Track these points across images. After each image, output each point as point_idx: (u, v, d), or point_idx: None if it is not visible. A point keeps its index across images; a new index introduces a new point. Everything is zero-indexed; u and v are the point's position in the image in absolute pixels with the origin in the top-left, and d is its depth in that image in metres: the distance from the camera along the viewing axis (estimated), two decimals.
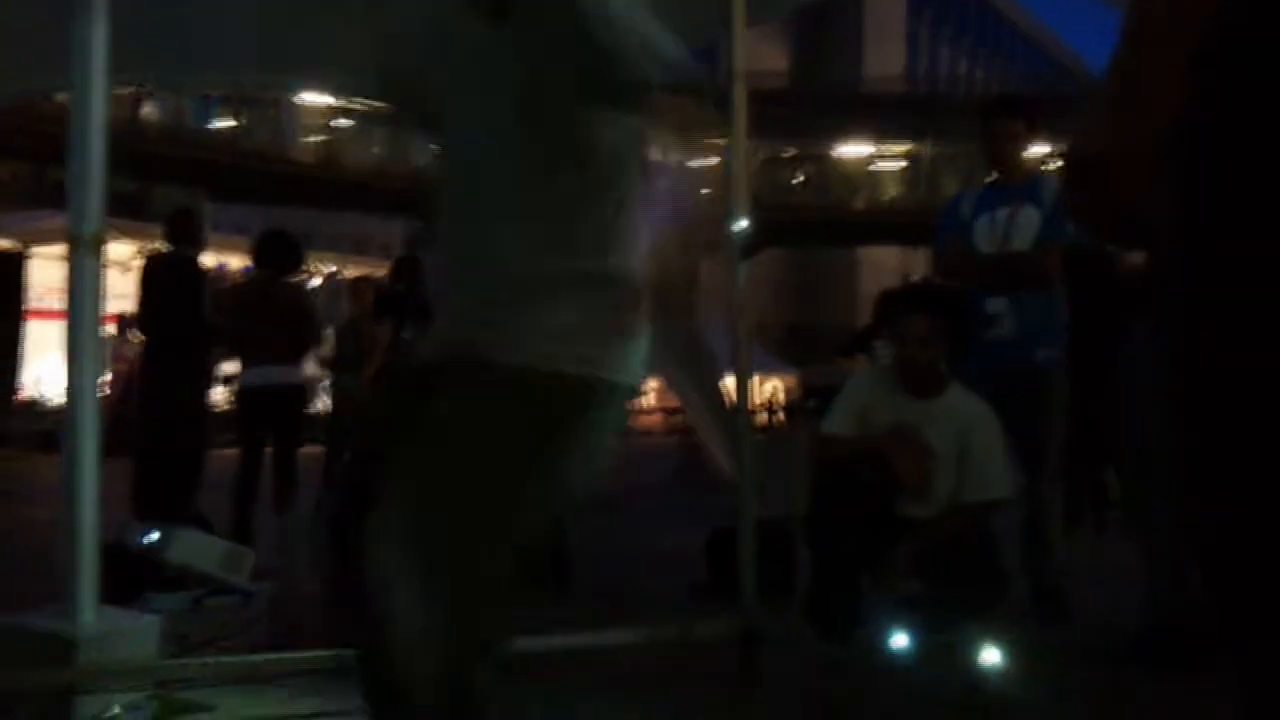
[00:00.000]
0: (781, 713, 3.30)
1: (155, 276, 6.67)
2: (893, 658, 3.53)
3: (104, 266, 3.07)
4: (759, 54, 35.82)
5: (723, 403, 5.73)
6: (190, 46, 5.00)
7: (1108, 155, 1.07)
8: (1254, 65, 1.04)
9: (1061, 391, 4.54)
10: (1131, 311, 3.97)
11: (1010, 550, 4.19)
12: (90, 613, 2.99)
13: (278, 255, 6.87)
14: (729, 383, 4.78)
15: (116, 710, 3.01)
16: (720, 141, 3.95)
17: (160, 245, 7.05)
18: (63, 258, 3.02)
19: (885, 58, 45.88)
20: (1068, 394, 4.58)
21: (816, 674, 3.61)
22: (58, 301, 16.99)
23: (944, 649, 3.54)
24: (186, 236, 6.76)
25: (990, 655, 3.44)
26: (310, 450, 7.20)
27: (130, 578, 3.71)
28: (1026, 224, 4.49)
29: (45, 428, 16.24)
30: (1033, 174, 4.75)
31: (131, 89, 19.68)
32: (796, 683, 3.55)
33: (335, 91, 17.96)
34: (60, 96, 5.66)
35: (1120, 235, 1.28)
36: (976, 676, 3.40)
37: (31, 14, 4.04)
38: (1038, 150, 5.98)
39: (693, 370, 6.07)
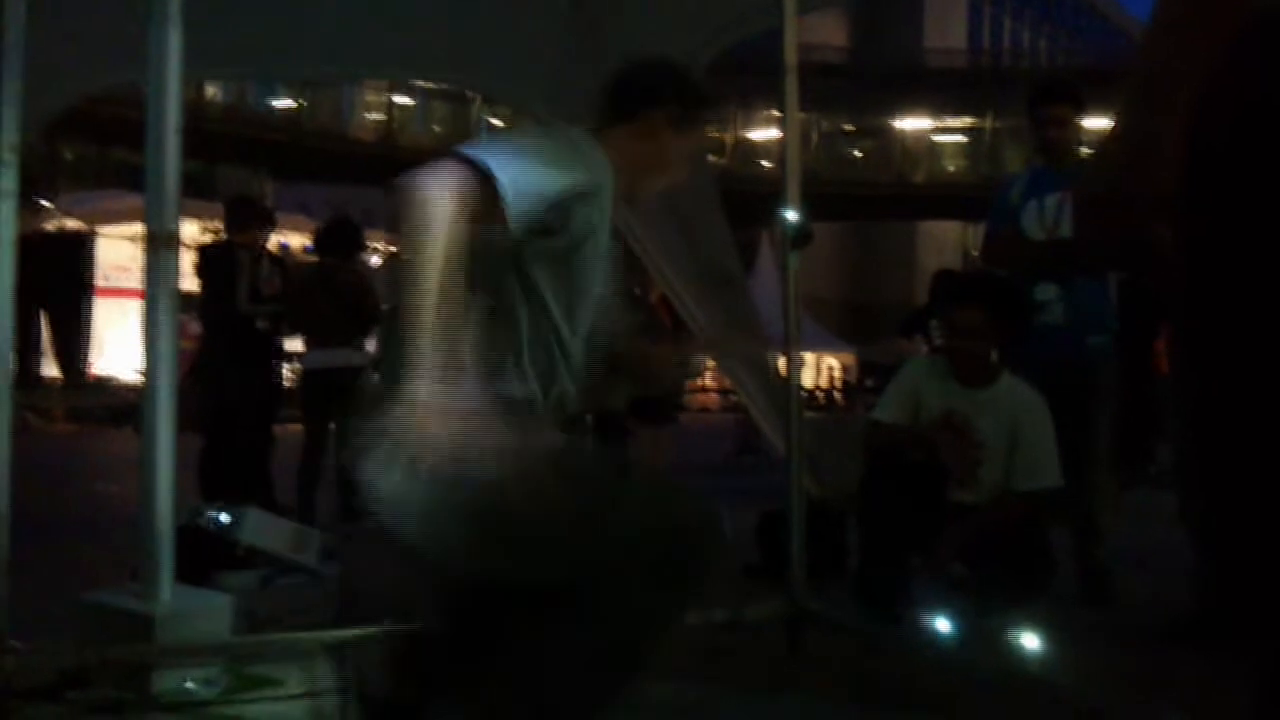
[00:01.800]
0: (827, 692, 3.38)
1: (201, 265, 6.90)
2: (938, 640, 3.60)
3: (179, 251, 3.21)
4: (820, 28, 35.68)
5: (774, 381, 5.79)
6: (261, 38, 5.15)
7: (1117, 194, 1.15)
8: (1252, 112, 1.12)
9: (1112, 378, 4.56)
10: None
11: (1060, 535, 4.23)
12: (167, 592, 3.14)
13: (340, 242, 7.04)
14: (781, 362, 4.84)
15: (191, 685, 3.17)
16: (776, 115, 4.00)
17: (218, 232, 7.29)
18: (129, 237, 3.16)
19: (947, 30, 45.39)
20: (1118, 379, 4.61)
21: (862, 654, 3.70)
22: (125, 279, 17.39)
23: (988, 632, 3.61)
24: (237, 223, 6.97)
25: (1032, 639, 3.51)
26: None
27: (202, 557, 3.86)
28: None
29: (115, 403, 16.66)
30: (1082, 158, 4.75)
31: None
32: (842, 662, 3.64)
33: (401, 78, 18.14)
34: None
35: (1127, 266, 1.34)
36: (1019, 659, 3.47)
37: (109, 13, 4.19)
38: (1095, 125, 5.94)
39: (745, 349, 6.13)
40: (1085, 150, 4.83)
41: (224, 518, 4.10)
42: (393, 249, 1.92)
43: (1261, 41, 1.12)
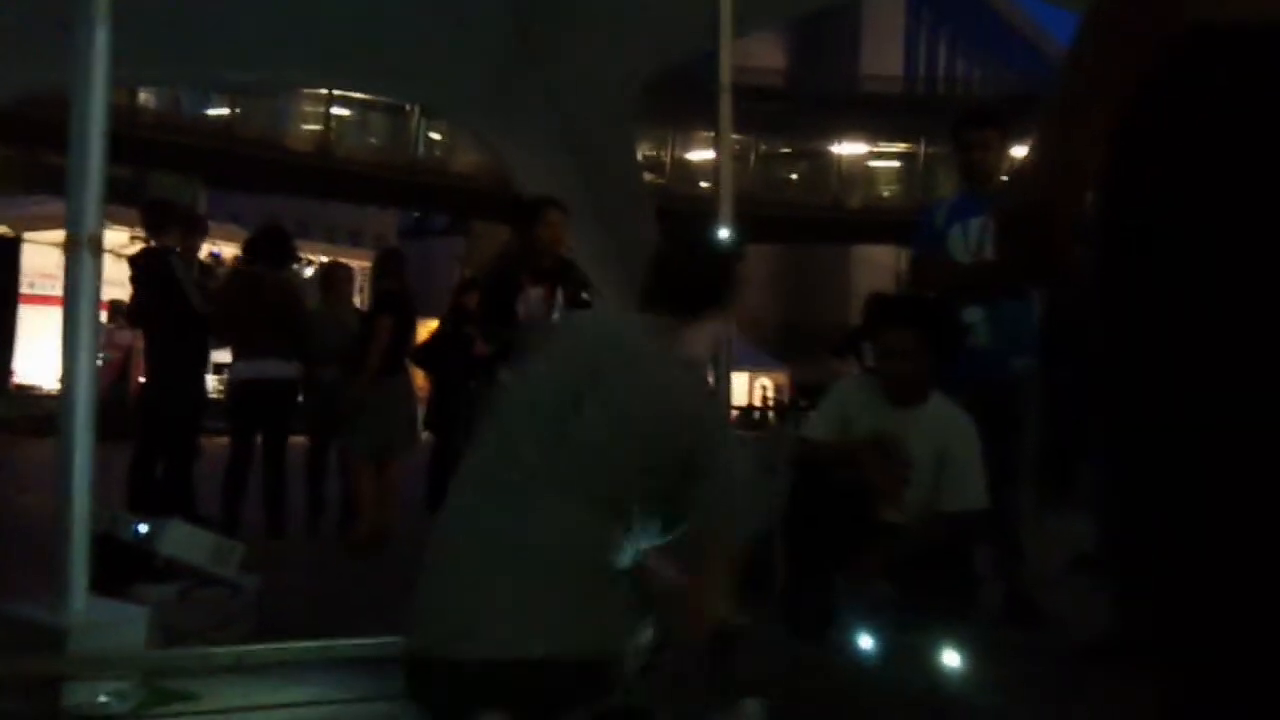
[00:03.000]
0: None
1: (135, 270, 6.76)
2: (862, 657, 3.62)
3: (101, 255, 3.15)
4: (757, 52, 35.94)
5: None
6: (193, 43, 5.09)
7: (1035, 210, 1.16)
8: (1167, 135, 1.14)
9: (1036, 399, 4.62)
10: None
11: (984, 556, 4.27)
12: (80, 602, 3.07)
13: (270, 251, 6.95)
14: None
15: (104, 699, 3.09)
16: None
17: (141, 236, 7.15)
18: (56, 244, 3.12)
19: (883, 57, 45.93)
20: (1042, 401, 4.67)
21: (786, 673, 3.70)
22: (51, 287, 17.05)
23: (910, 650, 3.64)
24: (158, 226, 6.80)
25: (952, 657, 3.54)
26: (297, 440, 7.27)
27: (119, 568, 3.78)
28: None
29: (37, 413, 16.29)
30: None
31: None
32: (767, 679, 3.64)
33: (335, 86, 18.02)
34: None
35: (1044, 282, 1.37)
36: (941, 677, 3.50)
37: (35, 13, 4.12)
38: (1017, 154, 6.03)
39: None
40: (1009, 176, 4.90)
41: (142, 528, 4.03)
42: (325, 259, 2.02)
43: (1192, 57, 1.14)
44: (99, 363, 3.67)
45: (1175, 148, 1.15)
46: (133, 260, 6.90)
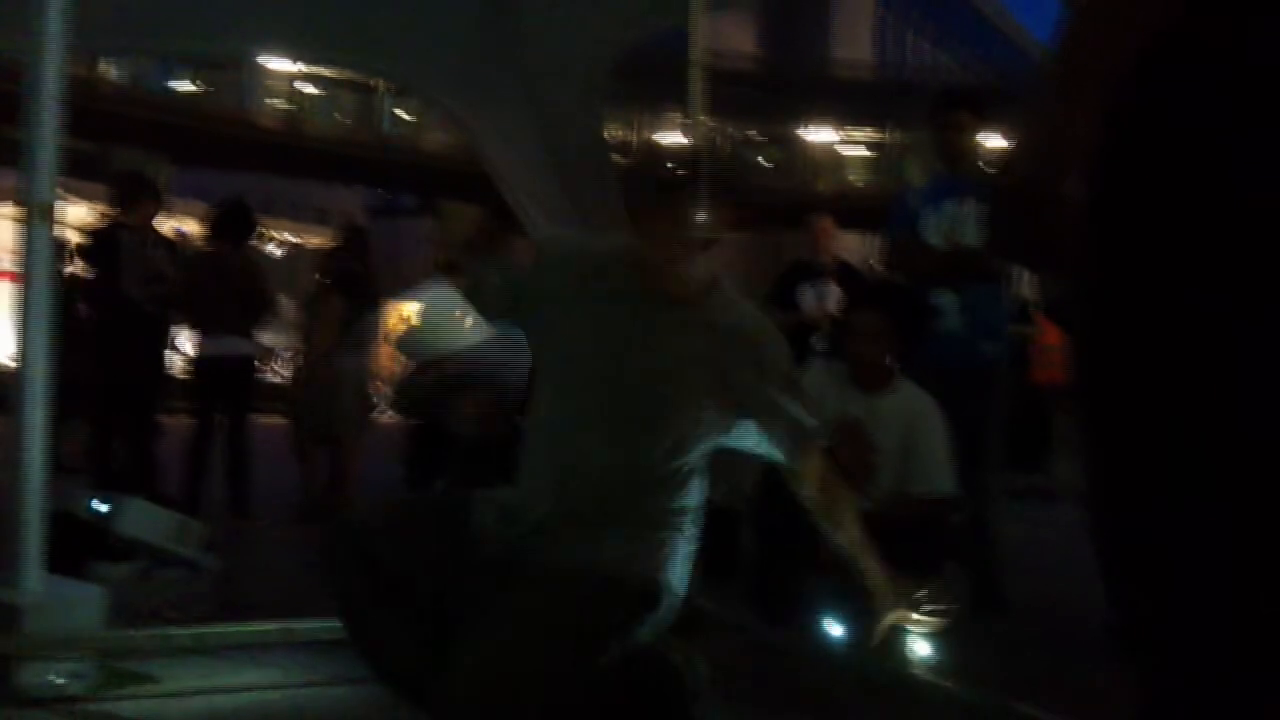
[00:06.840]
0: (716, 691, 3.35)
1: (86, 247, 6.63)
2: (828, 641, 3.60)
3: (59, 228, 3.08)
4: (727, 35, 35.88)
5: None
6: (154, 9, 4.98)
7: (1028, 187, 1.14)
8: (1158, 115, 1.12)
9: (1005, 386, 4.62)
10: None
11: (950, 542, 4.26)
12: (35, 580, 3.01)
13: (231, 226, 6.85)
14: None
15: (59, 679, 3.03)
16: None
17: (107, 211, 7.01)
18: (14, 218, 3.06)
19: (854, 43, 45.98)
20: (1011, 388, 4.67)
21: (753, 655, 3.68)
22: (7, 262, 16.81)
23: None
24: (127, 200, 6.64)
25: (919, 643, 3.53)
26: (266, 420, 7.19)
27: (77, 547, 3.71)
28: (974, 217, 4.52)
29: None
30: (981, 167, 4.78)
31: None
32: (733, 662, 3.62)
33: (301, 58, 17.81)
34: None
35: (1035, 262, 1.34)
36: (909, 662, 3.48)
37: None
38: (992, 143, 6.03)
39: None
40: (984, 163, 4.88)
41: (101, 506, 3.96)
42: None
43: (1187, 34, 1.12)
44: None
45: (1168, 126, 1.13)
46: (86, 234, 6.78)
